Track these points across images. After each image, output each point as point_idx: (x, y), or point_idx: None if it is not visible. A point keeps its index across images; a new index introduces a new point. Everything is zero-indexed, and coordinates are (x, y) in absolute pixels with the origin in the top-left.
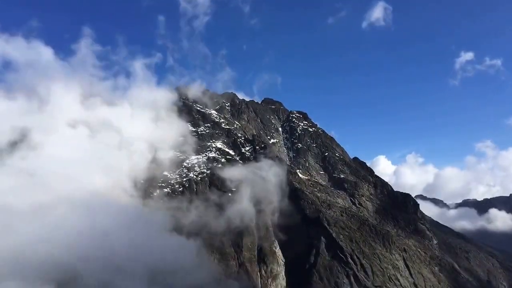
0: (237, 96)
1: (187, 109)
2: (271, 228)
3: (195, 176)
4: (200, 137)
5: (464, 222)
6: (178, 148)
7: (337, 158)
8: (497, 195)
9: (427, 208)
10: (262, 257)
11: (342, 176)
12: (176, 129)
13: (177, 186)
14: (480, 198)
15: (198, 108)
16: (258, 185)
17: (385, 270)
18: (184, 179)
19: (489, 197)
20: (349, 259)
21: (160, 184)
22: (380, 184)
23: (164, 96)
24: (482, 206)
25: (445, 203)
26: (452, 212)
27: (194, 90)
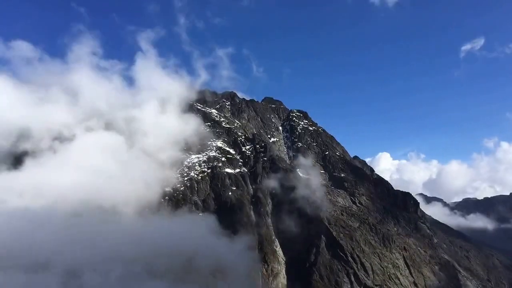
0: (237, 95)
1: (188, 108)
2: (271, 227)
3: (196, 175)
4: (200, 136)
5: (463, 221)
6: (180, 147)
7: (337, 157)
8: (499, 193)
9: (427, 207)
10: (263, 256)
11: (342, 175)
12: (188, 127)
13: (178, 185)
14: (485, 195)
15: (199, 107)
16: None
17: (385, 269)
18: (185, 178)
19: (490, 196)
20: (349, 258)
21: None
22: (380, 183)
23: (173, 91)
24: (483, 205)
25: (445, 202)
26: (452, 211)
27: (194, 89)
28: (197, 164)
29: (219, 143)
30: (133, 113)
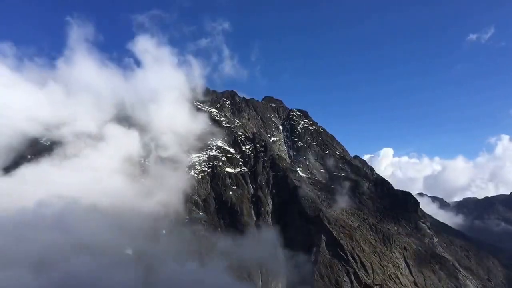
0: (237, 94)
1: (189, 107)
2: (271, 226)
3: (196, 175)
4: (200, 135)
5: (463, 220)
6: (182, 146)
7: (338, 157)
8: (502, 190)
9: (427, 206)
10: (263, 255)
11: (342, 174)
12: (189, 126)
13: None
14: (488, 192)
15: (199, 106)
16: None
17: (385, 268)
18: (185, 177)
19: (490, 195)
20: (350, 257)
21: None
22: (381, 183)
23: (175, 89)
24: (483, 205)
25: (446, 201)
26: (452, 210)
27: (196, 87)
28: (197, 163)
29: (219, 143)
30: (142, 110)
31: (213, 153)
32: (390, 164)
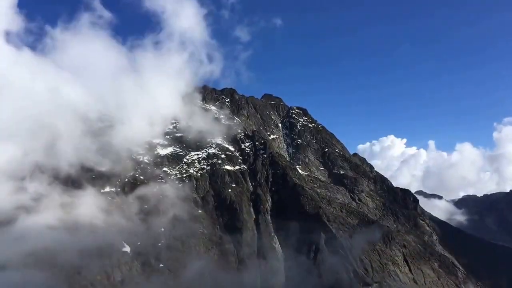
0: (236, 92)
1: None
2: (271, 224)
3: (195, 172)
4: (199, 132)
5: (463, 218)
6: (178, 143)
7: (337, 154)
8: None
9: (426, 203)
10: (262, 253)
11: (342, 172)
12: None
13: (177, 182)
14: (490, 187)
15: (198, 104)
16: None
17: (384, 266)
18: (184, 175)
19: (490, 193)
20: (349, 255)
21: (160, 180)
22: (380, 180)
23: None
24: (483, 202)
25: (446, 199)
26: (452, 207)
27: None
28: (196, 161)
29: (219, 140)
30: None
31: (212, 150)
32: (393, 155)
